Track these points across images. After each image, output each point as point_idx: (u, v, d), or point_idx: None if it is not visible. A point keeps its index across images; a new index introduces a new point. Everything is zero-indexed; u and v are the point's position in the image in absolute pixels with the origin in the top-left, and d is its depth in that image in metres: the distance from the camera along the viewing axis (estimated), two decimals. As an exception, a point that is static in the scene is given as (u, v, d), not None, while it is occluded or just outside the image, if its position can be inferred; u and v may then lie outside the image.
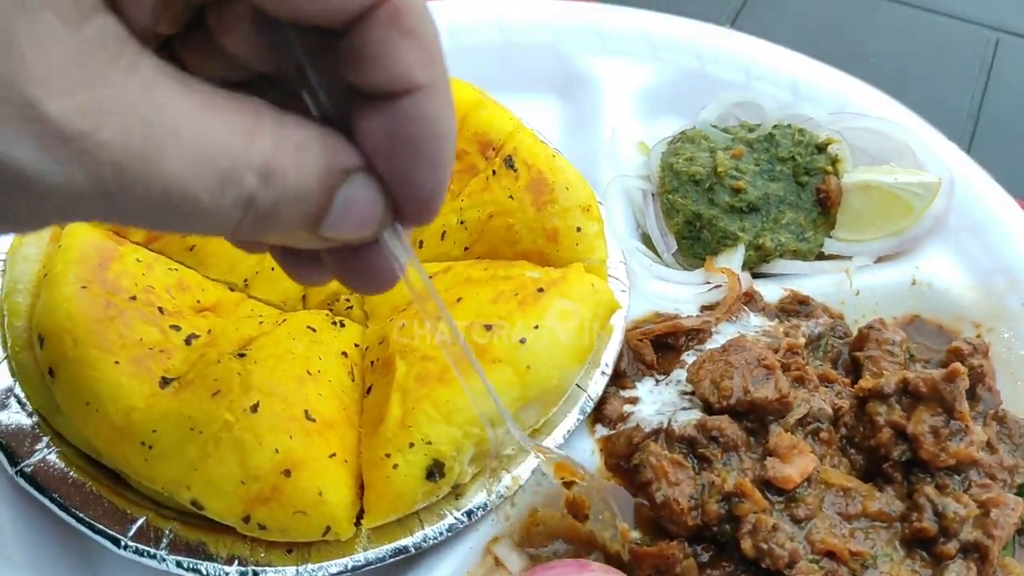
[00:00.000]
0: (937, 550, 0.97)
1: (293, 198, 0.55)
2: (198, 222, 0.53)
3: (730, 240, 1.27)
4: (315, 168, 0.56)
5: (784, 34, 1.56)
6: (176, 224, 0.54)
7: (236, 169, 0.52)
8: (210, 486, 0.91)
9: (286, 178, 0.54)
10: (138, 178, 0.49)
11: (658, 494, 0.98)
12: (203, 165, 0.51)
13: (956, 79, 1.77)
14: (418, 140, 0.58)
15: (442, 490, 0.97)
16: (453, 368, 0.88)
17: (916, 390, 1.03)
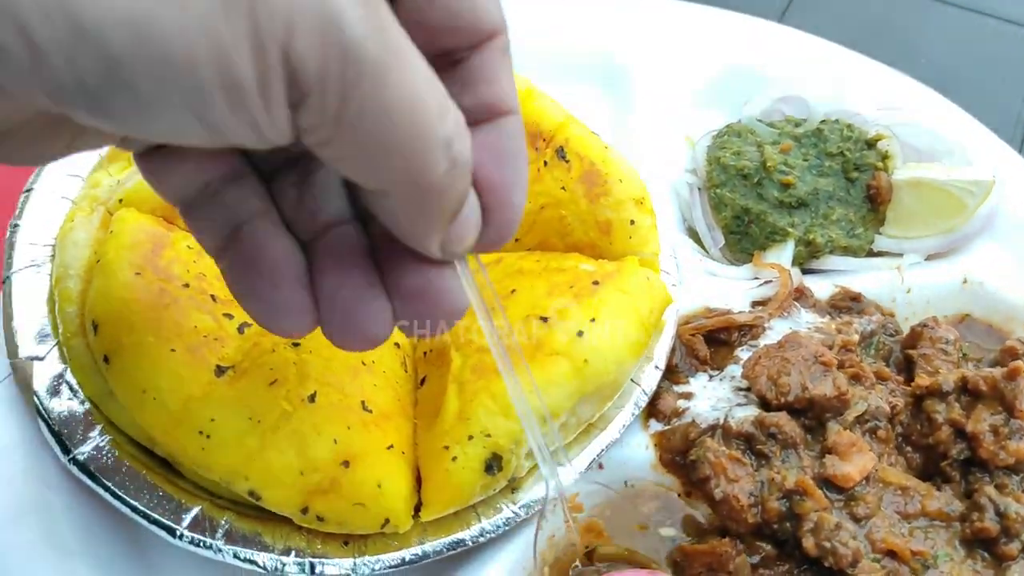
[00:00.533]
0: (999, 550, 0.96)
1: (466, 165, 0.62)
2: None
3: (779, 235, 1.26)
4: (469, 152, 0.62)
5: (832, 33, 1.54)
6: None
7: (445, 107, 0.58)
8: (269, 476, 0.89)
9: (465, 143, 0.61)
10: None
11: (717, 491, 0.97)
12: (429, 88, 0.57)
13: (1006, 82, 1.75)
14: (516, 154, 0.68)
15: (499, 483, 0.96)
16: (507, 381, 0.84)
17: (976, 388, 1.02)
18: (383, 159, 0.58)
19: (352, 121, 0.55)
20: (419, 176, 0.60)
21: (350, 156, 0.58)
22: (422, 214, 0.64)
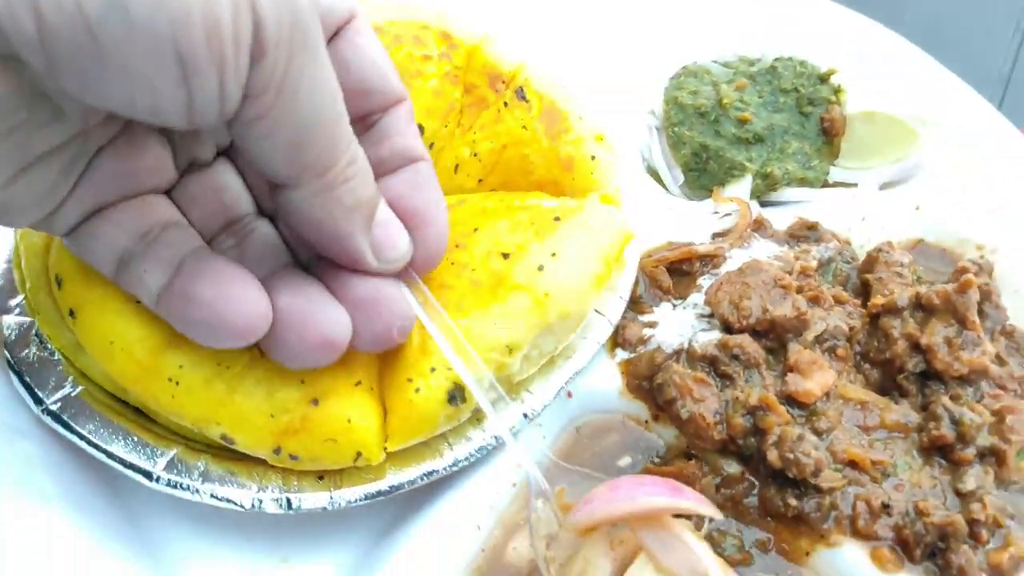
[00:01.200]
0: (955, 456, 0.99)
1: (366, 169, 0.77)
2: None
3: (737, 170, 1.28)
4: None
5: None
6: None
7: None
8: (239, 420, 0.91)
9: (361, 151, 0.76)
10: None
11: (683, 411, 1.00)
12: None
13: (991, 42, 1.78)
14: (431, 187, 0.88)
15: (463, 414, 0.97)
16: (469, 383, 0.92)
17: (929, 303, 1.05)
18: (304, 137, 0.68)
19: (291, 90, 0.64)
20: (328, 162, 0.71)
21: (278, 134, 0.66)
22: (337, 205, 0.74)
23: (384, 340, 0.84)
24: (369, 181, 0.77)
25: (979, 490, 0.97)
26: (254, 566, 0.99)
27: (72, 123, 0.69)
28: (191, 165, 0.84)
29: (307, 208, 0.74)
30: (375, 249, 0.80)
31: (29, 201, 0.71)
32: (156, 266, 0.77)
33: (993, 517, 0.95)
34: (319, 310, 0.79)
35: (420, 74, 1.16)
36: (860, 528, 0.96)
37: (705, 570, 0.79)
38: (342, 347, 0.81)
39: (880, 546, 0.95)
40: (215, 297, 0.75)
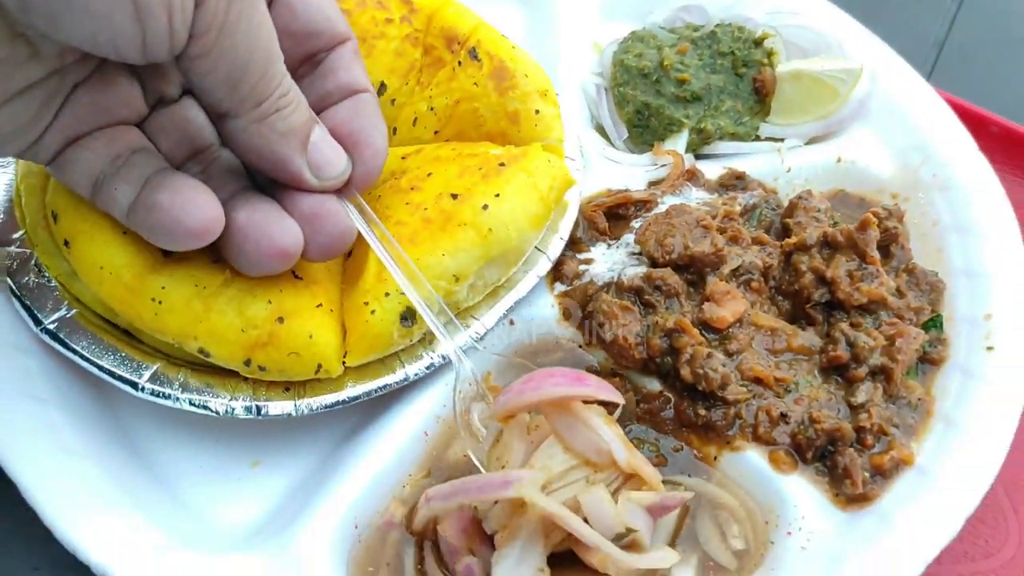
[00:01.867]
0: (850, 375, 1.12)
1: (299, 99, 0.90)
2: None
3: (675, 126, 1.40)
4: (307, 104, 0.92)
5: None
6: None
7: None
8: (214, 335, 1.03)
9: (295, 86, 0.90)
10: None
11: (608, 333, 1.13)
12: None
13: (928, 7, 1.88)
14: (371, 112, 1.00)
15: (414, 335, 1.10)
16: (404, 288, 1.04)
17: (834, 240, 1.18)
18: (241, 72, 0.81)
19: (230, 31, 0.77)
20: (261, 94, 0.84)
21: (219, 69, 0.80)
22: (272, 131, 0.87)
23: (330, 250, 0.97)
24: (301, 110, 0.90)
25: (868, 403, 1.10)
26: (228, 469, 1.12)
27: (49, 61, 0.80)
28: (159, 101, 0.96)
29: (247, 135, 0.87)
30: (313, 169, 0.92)
31: (13, 131, 0.83)
32: (125, 184, 0.89)
33: (879, 426, 1.08)
34: (273, 223, 0.91)
35: (383, 36, 1.28)
36: (761, 434, 1.09)
37: (608, 449, 0.92)
38: (295, 255, 0.93)
39: (777, 450, 1.09)
40: (172, 202, 0.87)
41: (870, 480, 1.06)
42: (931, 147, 1.37)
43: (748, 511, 1.08)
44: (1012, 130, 1.47)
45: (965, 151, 1.35)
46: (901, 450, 1.08)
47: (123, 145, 0.90)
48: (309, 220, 0.94)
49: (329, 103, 0.98)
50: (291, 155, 0.90)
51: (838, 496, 1.06)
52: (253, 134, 0.87)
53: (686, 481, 1.09)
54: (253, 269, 0.94)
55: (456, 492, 0.95)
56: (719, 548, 1.05)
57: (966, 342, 1.18)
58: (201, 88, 0.83)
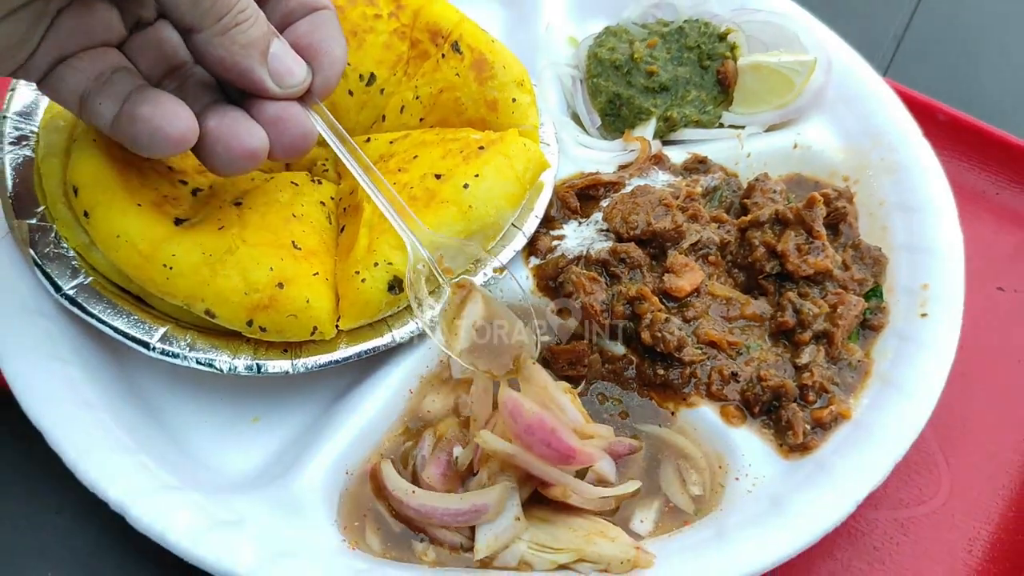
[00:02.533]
0: (796, 338, 1.24)
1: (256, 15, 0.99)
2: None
3: (644, 115, 1.51)
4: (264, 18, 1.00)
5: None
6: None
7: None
8: (219, 297, 1.14)
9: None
10: None
11: (577, 301, 1.24)
12: None
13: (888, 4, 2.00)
14: (330, 26, 1.07)
15: (401, 302, 1.21)
16: (386, 213, 1.15)
17: (784, 217, 1.29)
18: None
19: None
20: (221, 10, 0.93)
21: None
22: (233, 44, 0.96)
23: (293, 149, 1.06)
24: (259, 24, 0.98)
25: (811, 363, 1.21)
26: (230, 423, 1.23)
27: None
28: (137, 24, 1.06)
29: (212, 48, 0.96)
30: (275, 78, 1.01)
31: (5, 49, 0.94)
32: (108, 100, 0.99)
33: (820, 384, 1.20)
34: (241, 127, 1.01)
35: (372, 30, 1.39)
36: (713, 391, 1.20)
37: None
38: (261, 155, 1.03)
39: (728, 405, 1.20)
40: (153, 114, 0.96)
41: (810, 432, 1.18)
42: (880, 133, 1.49)
43: (708, 461, 1.19)
44: (957, 118, 1.59)
45: (911, 137, 1.46)
46: (840, 405, 1.19)
47: (106, 64, 1.00)
48: (273, 123, 1.03)
49: (291, 20, 1.07)
50: (252, 65, 0.99)
51: (782, 446, 1.18)
52: (217, 47, 0.96)
53: (659, 431, 1.21)
54: (225, 170, 1.04)
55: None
56: (679, 493, 1.17)
57: (904, 310, 1.29)
58: (165, 6, 0.93)
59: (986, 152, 1.57)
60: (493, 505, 1.06)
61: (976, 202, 1.53)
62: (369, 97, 1.39)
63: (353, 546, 1.09)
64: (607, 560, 1.04)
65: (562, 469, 1.04)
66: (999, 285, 1.45)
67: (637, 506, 1.14)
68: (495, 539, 1.07)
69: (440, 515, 1.08)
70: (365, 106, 1.40)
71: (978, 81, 1.85)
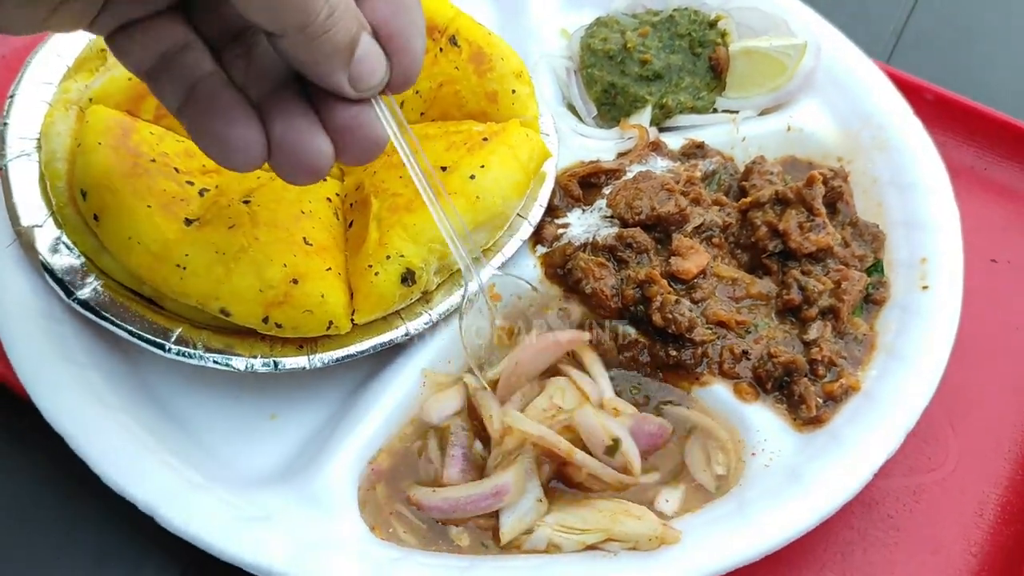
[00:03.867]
0: (802, 315, 1.26)
1: (346, 12, 0.85)
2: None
3: (639, 103, 1.53)
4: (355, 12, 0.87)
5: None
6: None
7: None
8: (235, 296, 1.15)
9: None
10: None
11: (587, 288, 1.25)
12: None
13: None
14: (411, 9, 0.92)
15: (414, 294, 1.22)
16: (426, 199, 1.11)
17: (784, 196, 1.32)
18: (277, 2, 0.80)
19: None
20: (304, 19, 0.83)
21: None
22: (317, 52, 0.87)
23: (362, 157, 0.98)
24: (347, 27, 0.86)
25: (819, 339, 1.24)
26: (248, 421, 1.23)
27: None
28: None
29: (293, 53, 0.87)
30: (354, 81, 0.91)
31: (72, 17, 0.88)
32: (173, 88, 0.93)
33: (829, 358, 1.22)
34: (307, 141, 0.93)
35: (370, 26, 1.40)
36: (725, 370, 1.22)
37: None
38: (326, 171, 0.96)
39: (741, 382, 1.22)
40: (224, 134, 0.91)
41: (822, 405, 1.20)
42: (870, 113, 1.52)
43: (734, 442, 1.21)
44: (944, 96, 1.62)
45: (901, 115, 1.50)
46: (849, 378, 1.22)
47: (171, 41, 0.93)
48: (342, 132, 0.94)
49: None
50: (333, 70, 0.90)
51: (795, 420, 1.20)
52: (299, 53, 0.87)
53: (686, 413, 1.23)
54: (286, 179, 0.98)
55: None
56: (704, 473, 1.18)
57: (904, 283, 1.32)
58: (244, 15, 0.83)
59: (974, 128, 1.61)
60: (514, 484, 1.08)
61: (966, 177, 1.55)
62: (369, 93, 1.40)
63: (381, 536, 1.10)
64: (635, 538, 1.05)
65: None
66: (992, 257, 1.49)
67: (663, 487, 1.16)
68: (519, 521, 1.09)
69: (464, 505, 1.10)
70: (365, 102, 1.40)
71: (979, 72, 1.88)
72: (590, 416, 1.04)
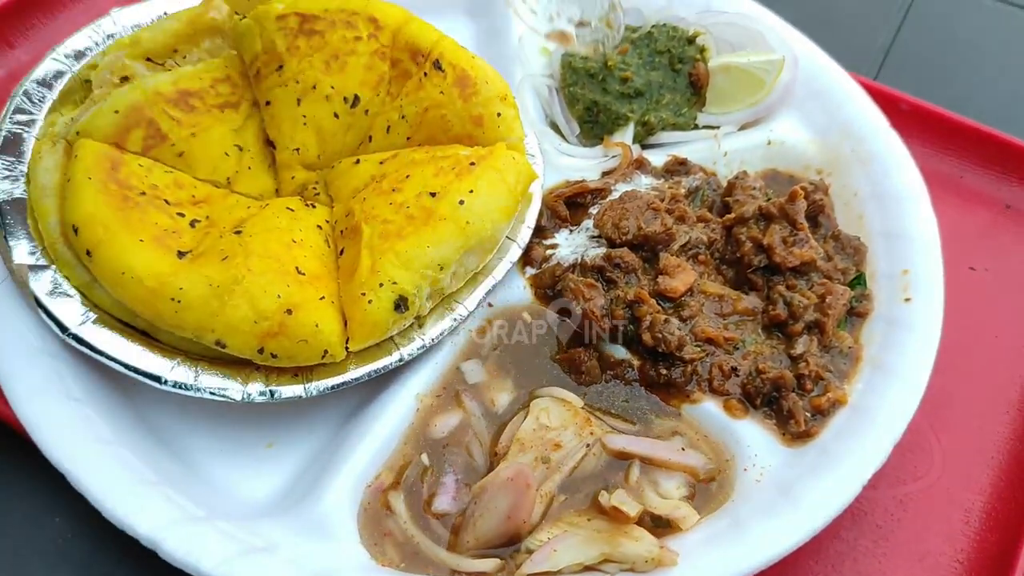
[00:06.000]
0: (788, 330, 1.29)
1: None
2: None
3: (622, 121, 1.55)
4: None
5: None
6: None
7: None
8: (229, 328, 1.16)
9: None
10: None
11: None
12: None
13: (877, 14, 2.06)
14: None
15: (407, 319, 1.24)
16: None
17: (768, 212, 1.34)
18: None
19: None
20: None
21: None
22: None
23: None
24: None
25: (805, 353, 1.26)
26: (245, 451, 1.24)
27: None
28: None
29: None
30: None
31: None
32: None
33: (816, 372, 1.25)
34: None
35: (353, 52, 1.41)
36: (715, 387, 1.25)
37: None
38: None
39: (731, 399, 1.25)
40: None
41: (811, 419, 1.23)
42: (849, 125, 1.54)
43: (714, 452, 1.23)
44: (919, 106, 1.65)
45: (879, 128, 1.53)
46: (836, 392, 1.24)
47: None
48: None
49: None
50: None
51: (784, 435, 1.23)
52: None
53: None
54: None
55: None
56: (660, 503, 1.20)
57: (887, 295, 1.35)
58: None
59: (950, 138, 1.64)
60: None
61: (943, 186, 1.58)
62: (355, 119, 1.41)
63: (382, 563, 1.12)
64: (632, 560, 1.07)
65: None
66: (970, 265, 1.52)
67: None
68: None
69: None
70: (351, 128, 1.41)
71: (966, 90, 1.93)
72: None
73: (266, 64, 1.39)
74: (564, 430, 1.19)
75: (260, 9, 1.42)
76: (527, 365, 1.29)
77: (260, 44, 1.39)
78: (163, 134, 1.32)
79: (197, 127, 1.35)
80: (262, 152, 1.41)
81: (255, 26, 1.40)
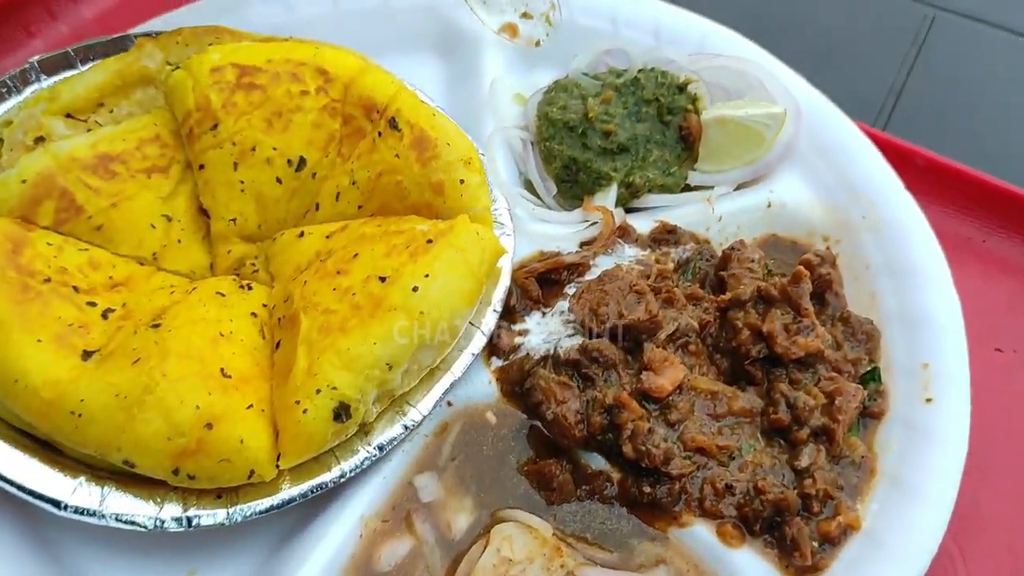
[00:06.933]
0: (792, 437, 1.12)
1: None
2: None
3: (604, 180, 1.38)
4: None
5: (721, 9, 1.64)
6: None
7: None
8: (139, 445, 0.99)
9: None
10: None
11: (548, 413, 1.11)
12: None
13: (886, 54, 1.91)
14: None
15: (350, 429, 1.07)
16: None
17: (768, 294, 1.17)
18: None
19: None
20: None
21: None
22: None
23: None
24: None
25: (812, 466, 1.09)
26: (163, 580, 1.07)
27: None
28: None
29: None
30: None
31: None
32: None
33: (824, 490, 1.08)
34: None
35: (299, 109, 1.24)
36: (707, 508, 1.08)
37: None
38: None
39: (725, 523, 1.08)
40: None
41: (818, 550, 1.06)
42: (858, 186, 1.38)
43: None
44: (936, 162, 1.48)
45: (892, 190, 1.36)
46: (848, 514, 1.07)
47: None
48: None
49: None
50: None
51: (788, 567, 1.06)
52: None
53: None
54: None
55: None
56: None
57: (904, 393, 1.18)
58: None
59: (970, 197, 1.47)
60: None
61: (963, 251, 1.41)
62: (300, 183, 1.25)
63: None
64: None
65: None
66: (997, 346, 1.35)
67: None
68: None
69: None
70: (296, 194, 1.25)
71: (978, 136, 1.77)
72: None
73: (199, 123, 1.22)
74: (530, 563, 1.02)
75: (193, 59, 1.25)
76: (490, 479, 1.12)
77: (193, 100, 1.22)
78: (78, 206, 1.16)
79: (119, 196, 1.19)
80: (195, 222, 1.24)
81: (187, 79, 1.23)
